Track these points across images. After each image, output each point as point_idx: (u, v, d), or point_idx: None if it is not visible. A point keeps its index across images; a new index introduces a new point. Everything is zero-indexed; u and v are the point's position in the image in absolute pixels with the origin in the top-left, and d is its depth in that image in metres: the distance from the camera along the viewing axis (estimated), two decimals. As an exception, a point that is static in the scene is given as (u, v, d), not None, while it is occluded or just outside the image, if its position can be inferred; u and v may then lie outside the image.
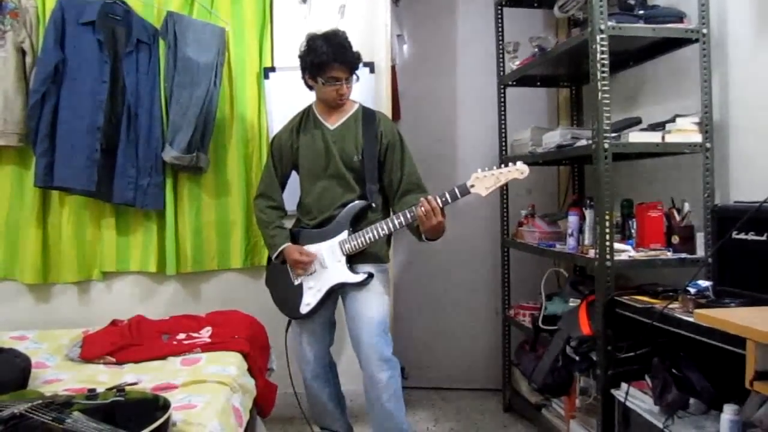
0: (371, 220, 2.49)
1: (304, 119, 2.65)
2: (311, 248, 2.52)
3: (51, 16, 2.94)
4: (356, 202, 2.52)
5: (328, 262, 2.50)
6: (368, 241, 2.45)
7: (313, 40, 2.47)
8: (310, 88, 2.58)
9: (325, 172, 2.55)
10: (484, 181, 2.30)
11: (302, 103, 2.70)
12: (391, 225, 2.41)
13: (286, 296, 2.61)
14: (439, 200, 2.30)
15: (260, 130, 3.24)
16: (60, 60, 2.91)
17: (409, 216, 2.37)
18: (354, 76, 2.52)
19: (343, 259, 2.49)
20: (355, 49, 2.50)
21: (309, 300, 2.53)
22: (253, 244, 3.25)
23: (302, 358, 2.67)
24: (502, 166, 2.32)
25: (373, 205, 2.52)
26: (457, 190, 2.32)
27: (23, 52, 3.01)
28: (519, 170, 2.30)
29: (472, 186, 2.31)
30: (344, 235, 2.48)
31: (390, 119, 2.73)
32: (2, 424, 1.54)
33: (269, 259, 2.68)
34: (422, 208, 2.29)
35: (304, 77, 2.56)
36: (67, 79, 2.93)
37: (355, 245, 2.46)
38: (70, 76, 2.93)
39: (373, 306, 2.49)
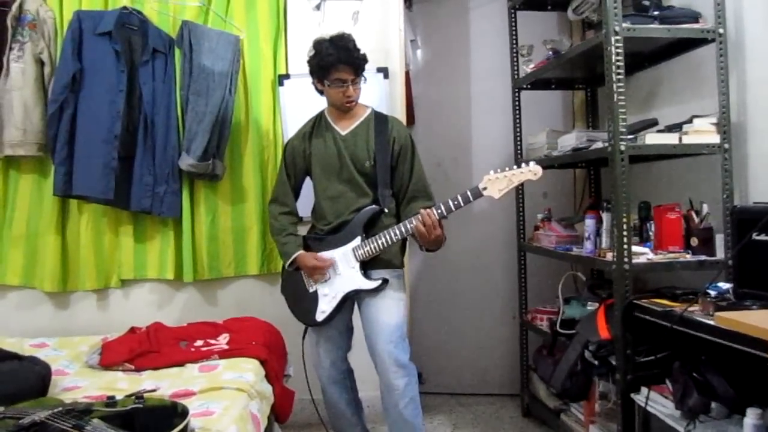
0: (385, 225, 2.47)
1: (316, 125, 2.64)
2: (324, 255, 2.51)
3: (68, 27, 2.98)
4: (368, 207, 2.50)
5: (342, 268, 2.48)
6: (381, 247, 2.42)
7: (319, 44, 2.47)
8: (321, 92, 2.58)
9: (337, 177, 2.54)
10: (497, 183, 2.27)
11: (317, 110, 2.70)
12: (394, 235, 2.40)
13: (301, 304, 2.59)
14: (435, 213, 2.30)
15: (275, 137, 3.25)
16: (77, 70, 2.95)
17: (404, 229, 2.37)
18: (361, 78, 2.51)
19: (357, 265, 2.46)
20: (364, 51, 2.50)
21: (324, 307, 2.51)
22: (269, 250, 3.26)
23: (319, 364, 2.66)
24: (515, 167, 2.30)
25: (386, 210, 2.50)
26: (469, 194, 2.29)
27: (42, 63, 3.05)
28: (532, 171, 2.26)
29: (485, 189, 2.28)
30: (357, 241, 2.46)
31: (403, 123, 2.70)
32: (23, 432, 1.56)
33: (284, 266, 2.66)
34: (419, 222, 2.30)
35: (313, 82, 2.56)
36: (84, 89, 2.97)
37: (367, 251, 2.44)
38: (88, 86, 2.97)
39: (389, 312, 2.47)
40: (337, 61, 2.42)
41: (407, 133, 2.59)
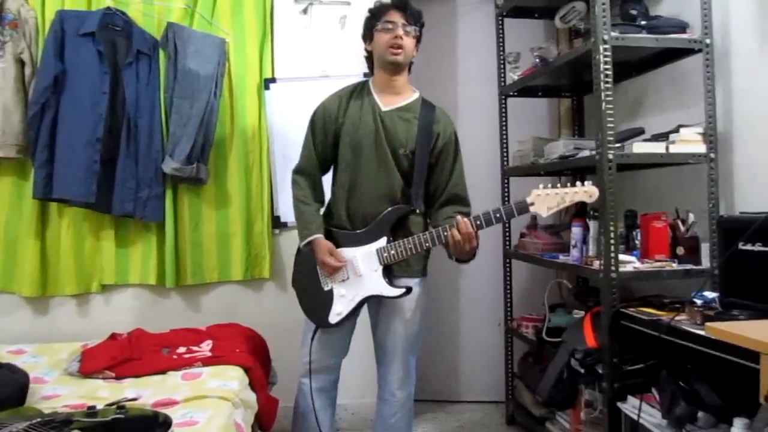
0: (414, 224, 2.30)
1: (357, 91, 2.37)
2: (345, 252, 2.26)
3: (51, 26, 2.93)
4: (398, 206, 2.27)
5: (363, 269, 2.25)
6: (408, 252, 2.20)
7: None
8: (369, 59, 2.38)
9: (367, 157, 2.28)
10: (546, 201, 2.07)
11: (303, 114, 2.48)
12: (425, 242, 2.19)
13: (315, 303, 2.33)
14: (474, 224, 2.12)
15: (261, 142, 3.22)
16: (60, 71, 2.89)
17: (436, 236, 2.17)
18: (414, 30, 2.28)
19: (380, 269, 2.23)
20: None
21: (340, 309, 2.28)
22: (253, 255, 3.22)
23: (314, 365, 2.38)
24: (568, 185, 2.11)
25: (417, 210, 2.29)
26: (514, 208, 2.10)
27: (22, 63, 2.99)
28: (587, 192, 2.07)
29: (532, 204, 2.08)
30: (382, 242, 2.23)
31: (449, 118, 2.40)
32: (1, 443, 1.52)
33: (297, 257, 2.43)
34: (456, 232, 2.11)
35: (365, 47, 2.38)
36: (66, 90, 2.91)
37: (393, 255, 2.21)
38: (70, 87, 2.92)
39: (411, 321, 2.33)
40: (388, 6, 2.29)
41: (453, 129, 2.37)
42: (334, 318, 2.29)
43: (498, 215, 2.12)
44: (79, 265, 3.13)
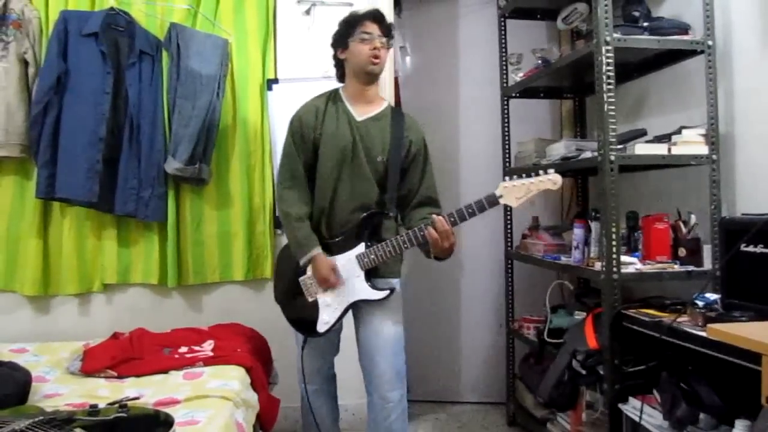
0: (387, 229, 2.34)
1: (330, 102, 2.38)
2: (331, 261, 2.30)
3: (54, 27, 2.94)
4: (374, 212, 2.31)
5: (346, 276, 2.28)
6: (387, 256, 2.24)
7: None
8: (339, 66, 2.41)
9: (345, 168, 2.30)
10: (514, 191, 2.13)
11: None
12: (403, 243, 2.22)
13: (301, 314, 2.37)
14: (448, 221, 2.15)
15: (263, 142, 3.22)
16: (63, 71, 2.90)
17: (413, 237, 2.20)
18: (389, 43, 2.33)
19: (362, 274, 2.27)
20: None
21: (327, 318, 2.31)
22: (255, 256, 3.22)
23: (306, 370, 2.48)
24: (533, 174, 2.15)
25: (391, 214, 2.34)
26: (484, 201, 2.14)
27: (26, 63, 3.00)
28: (552, 180, 2.13)
29: (501, 196, 2.14)
30: (361, 248, 2.27)
31: (419, 125, 2.45)
32: (3, 441, 1.52)
33: (276, 272, 2.51)
34: (434, 231, 2.13)
35: (334, 55, 2.40)
36: (69, 90, 2.93)
37: (373, 259, 2.25)
38: (73, 87, 2.93)
39: (392, 322, 2.35)
40: (364, 16, 2.31)
41: (423, 135, 2.42)
42: (322, 327, 2.32)
43: (470, 210, 2.15)
44: (81, 264, 3.14)
